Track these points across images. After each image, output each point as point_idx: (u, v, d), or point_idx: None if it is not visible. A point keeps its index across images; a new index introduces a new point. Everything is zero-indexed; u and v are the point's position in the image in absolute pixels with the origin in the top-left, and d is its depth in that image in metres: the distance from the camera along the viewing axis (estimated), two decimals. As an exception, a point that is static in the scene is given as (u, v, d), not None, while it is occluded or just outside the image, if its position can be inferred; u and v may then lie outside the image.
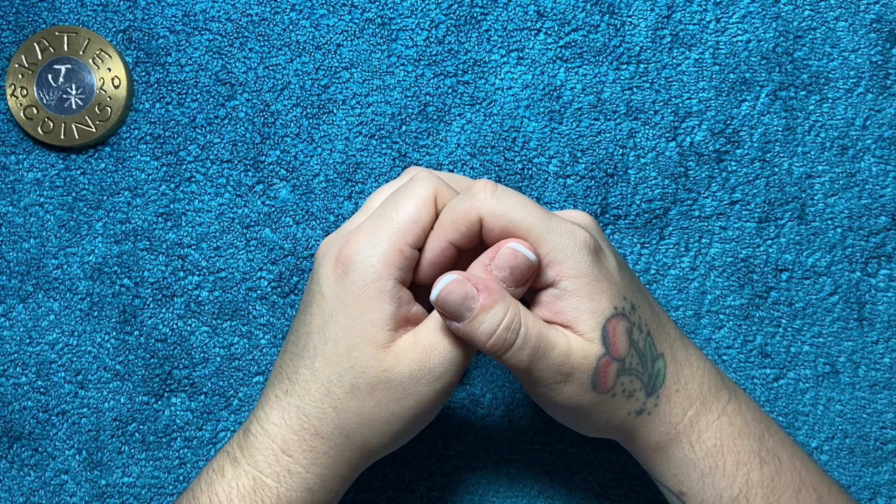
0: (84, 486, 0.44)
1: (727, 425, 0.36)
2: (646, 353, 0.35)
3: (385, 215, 0.35)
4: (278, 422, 0.35)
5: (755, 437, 0.36)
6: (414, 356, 0.34)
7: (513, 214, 0.34)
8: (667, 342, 0.36)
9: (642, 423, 0.36)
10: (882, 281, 0.43)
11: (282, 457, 0.35)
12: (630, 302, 0.35)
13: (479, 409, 0.44)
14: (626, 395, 0.35)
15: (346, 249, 0.34)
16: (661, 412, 0.36)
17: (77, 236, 0.44)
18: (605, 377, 0.34)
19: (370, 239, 0.34)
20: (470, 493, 0.44)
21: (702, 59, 0.43)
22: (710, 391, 0.36)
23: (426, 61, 0.43)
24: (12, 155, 0.44)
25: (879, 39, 0.43)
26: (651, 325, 0.35)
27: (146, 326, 0.44)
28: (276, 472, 0.35)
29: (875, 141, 0.43)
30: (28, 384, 0.44)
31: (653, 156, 0.43)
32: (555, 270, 0.34)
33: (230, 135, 0.44)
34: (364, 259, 0.34)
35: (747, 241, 0.43)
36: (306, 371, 0.35)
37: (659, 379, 0.35)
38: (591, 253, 0.34)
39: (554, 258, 0.34)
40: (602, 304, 0.34)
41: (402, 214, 0.34)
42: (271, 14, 0.44)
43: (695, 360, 0.37)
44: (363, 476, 0.44)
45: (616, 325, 0.34)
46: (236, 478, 0.35)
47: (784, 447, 0.37)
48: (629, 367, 0.34)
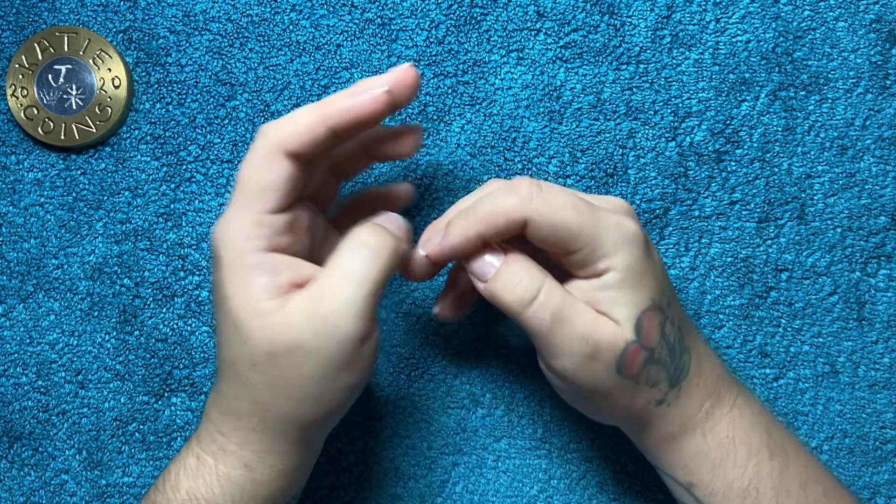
0: (84, 486, 0.44)
1: (738, 417, 0.36)
2: (675, 346, 0.35)
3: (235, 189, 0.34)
4: (211, 403, 0.35)
5: (764, 429, 0.37)
6: (303, 310, 0.32)
7: (561, 216, 0.33)
8: (692, 336, 0.37)
9: (661, 412, 0.36)
10: (882, 281, 0.43)
11: (217, 436, 0.35)
12: (668, 297, 0.35)
13: (479, 409, 0.44)
14: (651, 383, 0.35)
15: (212, 235, 0.34)
16: (681, 403, 0.36)
17: (77, 236, 0.44)
18: (632, 362, 0.34)
19: (225, 218, 0.33)
20: (470, 493, 0.44)
21: (702, 59, 0.43)
22: (724, 385, 0.37)
23: (426, 61, 0.43)
24: (13, 155, 0.44)
25: (879, 39, 0.43)
26: (681, 321, 0.36)
27: (146, 326, 0.44)
28: (212, 450, 0.35)
29: (875, 141, 0.43)
30: (28, 384, 0.44)
31: (653, 156, 0.43)
32: (605, 263, 0.34)
33: (230, 135, 0.44)
34: (223, 241, 0.33)
35: (747, 241, 0.43)
36: (218, 357, 0.35)
37: (683, 372, 0.36)
38: (641, 246, 0.34)
39: (605, 252, 0.33)
40: (643, 296, 0.34)
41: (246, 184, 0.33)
42: (271, 14, 0.44)
43: (711, 356, 0.37)
44: (364, 475, 0.44)
45: (651, 317, 0.34)
46: (184, 457, 0.35)
47: (790, 440, 0.37)
48: (658, 358, 0.35)
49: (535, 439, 0.44)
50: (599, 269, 0.34)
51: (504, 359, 0.44)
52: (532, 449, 0.44)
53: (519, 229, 0.34)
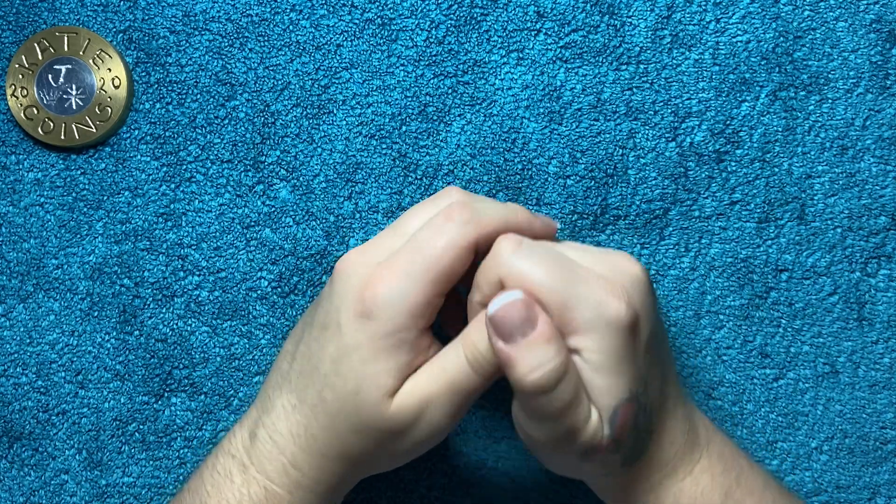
0: (84, 486, 0.44)
1: (689, 486, 0.35)
2: (641, 433, 0.33)
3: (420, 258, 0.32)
4: (287, 435, 0.35)
5: (721, 491, 0.35)
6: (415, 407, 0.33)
7: (533, 277, 0.31)
8: (660, 415, 0.35)
9: (605, 482, 0.36)
10: (882, 281, 0.43)
11: (291, 470, 0.35)
12: (644, 381, 0.33)
13: (480, 410, 0.44)
14: (602, 464, 0.34)
15: (373, 290, 0.32)
16: (628, 478, 0.35)
17: (77, 236, 0.44)
18: (595, 455, 0.33)
19: (400, 284, 0.32)
20: (470, 493, 0.44)
21: (702, 59, 0.43)
22: (683, 455, 0.35)
23: (426, 62, 0.43)
24: (12, 155, 0.44)
25: (879, 39, 0.43)
26: (654, 403, 0.34)
27: (146, 326, 0.44)
28: (285, 483, 0.35)
29: (875, 141, 0.43)
30: (28, 384, 0.44)
31: (653, 156, 0.43)
32: (576, 341, 0.31)
33: (230, 135, 0.44)
34: (390, 307, 0.32)
35: (747, 242, 0.43)
36: (315, 396, 0.34)
37: (637, 455, 0.34)
38: (621, 330, 0.31)
39: (577, 328, 0.31)
40: (620, 386, 0.31)
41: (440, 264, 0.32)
42: (271, 14, 0.44)
43: (679, 425, 0.35)
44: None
45: (627, 411, 0.32)
46: (246, 484, 0.35)
47: (753, 494, 0.36)
48: (619, 448, 0.33)
49: (535, 439, 0.44)
50: (572, 344, 0.31)
51: (504, 359, 0.44)
52: (532, 449, 0.44)
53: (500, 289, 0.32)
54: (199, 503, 0.35)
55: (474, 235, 0.32)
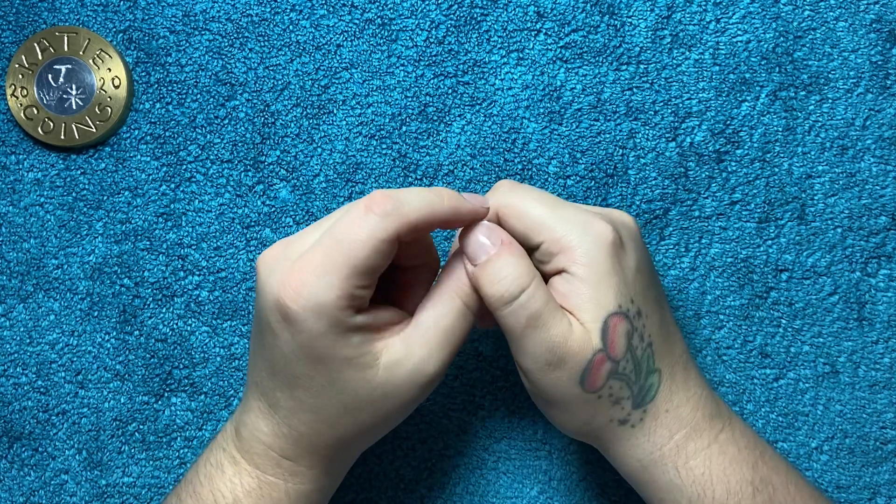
0: (84, 486, 0.44)
1: (717, 454, 0.35)
2: (642, 362, 0.34)
3: (337, 252, 0.31)
4: (271, 435, 0.35)
5: (749, 465, 0.35)
6: (410, 366, 0.33)
7: (523, 205, 0.34)
8: (668, 359, 0.35)
9: (624, 434, 0.35)
10: (882, 281, 0.43)
11: (283, 461, 0.35)
12: (637, 307, 0.34)
13: (480, 410, 0.44)
14: (613, 400, 0.34)
15: (291, 292, 0.31)
16: (646, 428, 0.35)
17: (77, 236, 0.44)
18: (596, 374, 0.33)
19: (318, 282, 0.31)
20: (470, 493, 0.44)
21: (702, 59, 0.43)
22: (704, 418, 0.35)
23: (426, 62, 0.43)
24: (12, 155, 0.44)
25: (879, 39, 0.43)
26: (655, 338, 0.35)
27: (146, 326, 0.44)
28: (279, 472, 0.35)
29: (875, 141, 0.43)
30: (28, 384, 0.44)
31: (653, 156, 0.43)
32: (566, 256, 0.34)
33: (230, 135, 0.44)
34: (310, 310, 0.31)
35: (747, 242, 0.43)
36: (287, 399, 0.34)
37: (650, 394, 0.35)
38: (605, 245, 0.33)
39: (565, 244, 0.33)
40: (608, 297, 0.33)
41: (358, 258, 0.31)
42: (271, 14, 0.44)
43: (693, 385, 0.36)
44: (363, 476, 0.44)
45: (617, 324, 0.33)
46: (238, 475, 0.35)
47: (778, 473, 0.36)
48: (621, 372, 0.34)
49: (535, 440, 0.44)
50: (560, 263, 0.34)
51: (504, 360, 0.44)
52: (532, 450, 0.44)
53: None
54: (193, 493, 0.35)
55: (395, 228, 0.32)
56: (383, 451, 0.44)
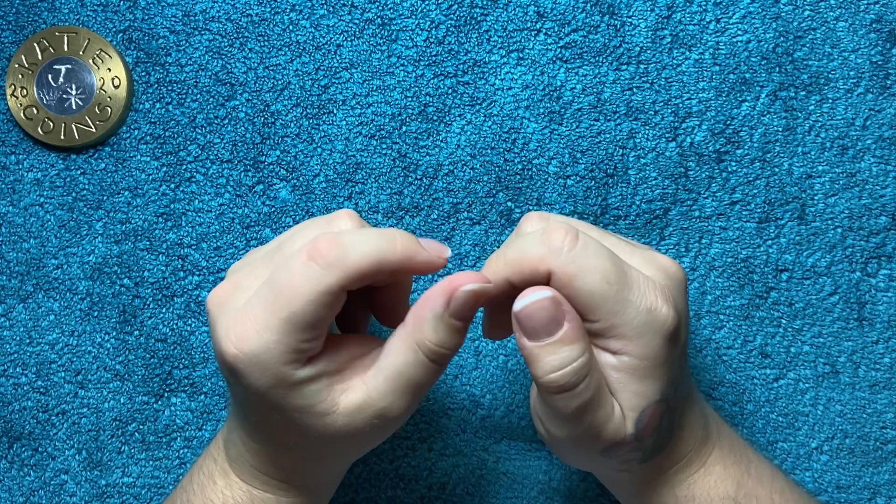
0: (84, 486, 0.44)
1: (702, 476, 0.35)
2: (665, 433, 0.33)
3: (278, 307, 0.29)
4: (255, 460, 0.34)
5: (733, 481, 0.35)
6: (370, 413, 0.32)
7: (587, 281, 0.30)
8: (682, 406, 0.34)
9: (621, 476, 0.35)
10: (882, 281, 0.43)
11: (272, 481, 0.35)
12: (675, 383, 0.33)
13: (479, 410, 0.44)
14: (622, 460, 0.34)
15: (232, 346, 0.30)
16: (643, 471, 0.35)
17: (77, 236, 0.44)
18: (618, 451, 0.33)
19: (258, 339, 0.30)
20: (470, 493, 0.44)
21: (702, 59, 0.43)
22: (696, 449, 0.35)
23: (426, 62, 0.43)
24: (12, 155, 0.44)
25: (879, 39, 0.43)
26: (681, 402, 0.34)
27: (146, 326, 0.44)
28: (270, 487, 0.35)
29: (875, 141, 0.43)
30: (28, 384, 0.44)
31: (653, 156, 0.43)
32: (620, 343, 0.31)
33: (230, 135, 0.44)
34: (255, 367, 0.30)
35: (747, 242, 0.43)
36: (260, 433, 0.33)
37: (657, 451, 0.34)
38: (666, 337, 0.31)
39: (623, 333, 0.31)
40: (653, 388, 0.31)
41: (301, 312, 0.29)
42: (271, 14, 0.44)
43: (694, 421, 0.35)
44: (363, 476, 0.44)
45: (655, 412, 0.32)
46: (229, 487, 0.35)
47: (763, 483, 0.36)
48: (643, 446, 0.33)
49: (535, 441, 0.44)
50: (614, 347, 0.31)
51: (504, 359, 0.44)
52: (532, 450, 0.44)
53: (546, 281, 0.31)
54: (187, 501, 0.36)
55: (338, 280, 0.29)
56: (383, 451, 0.44)
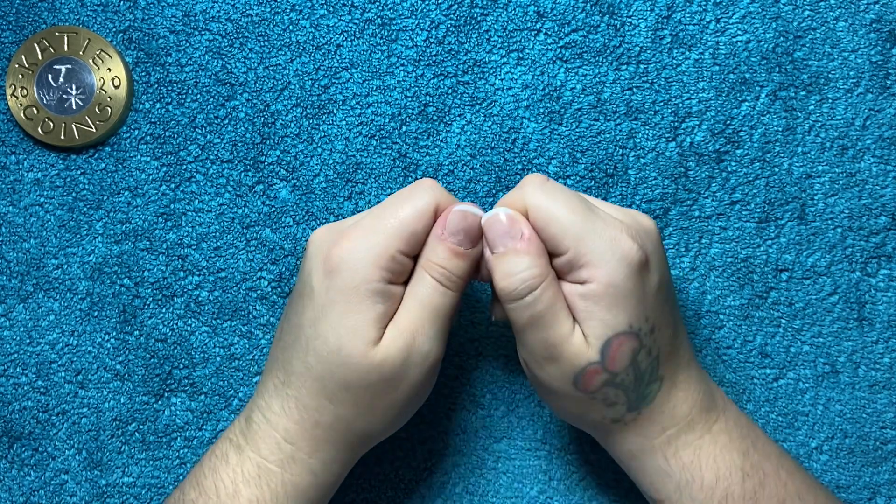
0: (84, 486, 0.44)
1: (708, 443, 0.36)
2: (644, 374, 0.35)
3: (382, 217, 0.35)
4: (279, 412, 0.36)
5: (739, 452, 0.36)
6: (401, 344, 0.34)
7: (554, 209, 0.34)
8: (672, 365, 0.36)
9: (616, 429, 0.36)
10: (882, 281, 0.43)
11: (285, 445, 0.35)
12: (652, 324, 0.34)
13: (479, 409, 0.44)
14: (607, 403, 0.35)
15: (338, 248, 0.34)
16: (639, 426, 0.35)
17: (77, 236, 0.44)
18: (588, 381, 0.34)
19: (363, 241, 0.34)
20: (470, 493, 0.44)
21: (702, 59, 0.43)
22: (699, 413, 0.36)
23: (426, 62, 0.43)
24: (12, 155, 0.44)
25: (879, 39, 0.43)
26: (663, 349, 0.35)
27: (146, 326, 0.44)
28: (279, 458, 0.35)
29: (875, 141, 0.43)
30: (28, 384, 0.44)
31: (653, 156, 0.43)
32: (588, 272, 0.33)
33: (230, 135, 0.44)
34: (354, 261, 0.34)
35: (747, 242, 0.43)
36: (300, 364, 0.35)
37: (647, 399, 0.35)
38: (631, 266, 0.33)
39: (589, 260, 0.33)
40: (618, 318, 0.33)
41: (400, 221, 0.35)
42: (271, 14, 0.44)
43: (694, 383, 0.36)
44: (363, 476, 0.44)
45: (623, 343, 0.33)
46: (241, 463, 0.36)
47: (770, 459, 0.36)
48: (619, 382, 0.34)
49: (534, 440, 0.44)
50: (581, 276, 0.33)
51: (504, 359, 0.44)
52: (532, 450, 0.44)
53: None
54: (196, 484, 0.36)
55: (434, 198, 0.35)
56: (383, 452, 0.44)
